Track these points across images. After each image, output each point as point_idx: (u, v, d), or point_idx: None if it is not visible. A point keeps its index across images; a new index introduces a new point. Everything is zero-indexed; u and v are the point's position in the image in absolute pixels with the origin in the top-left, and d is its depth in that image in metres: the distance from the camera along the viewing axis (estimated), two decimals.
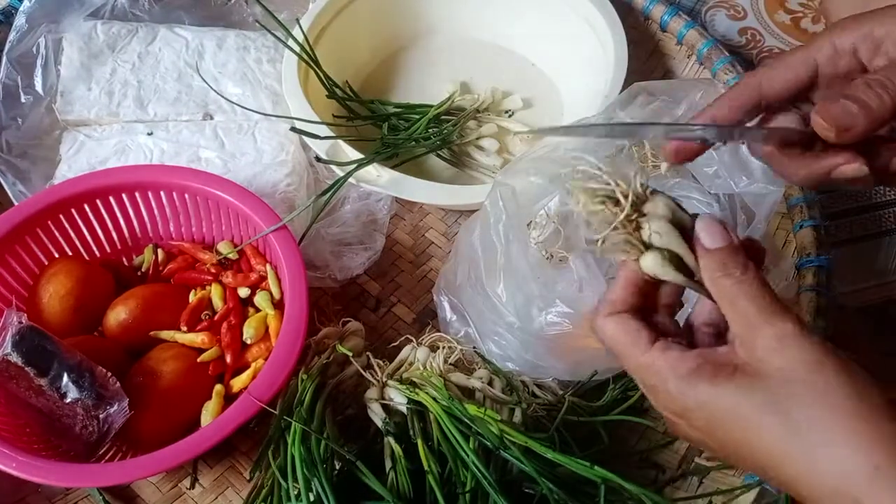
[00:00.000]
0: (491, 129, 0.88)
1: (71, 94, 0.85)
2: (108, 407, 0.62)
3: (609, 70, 0.84)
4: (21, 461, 0.60)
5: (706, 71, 0.89)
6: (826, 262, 0.73)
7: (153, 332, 0.71)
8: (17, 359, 0.61)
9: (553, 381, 0.69)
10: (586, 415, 0.66)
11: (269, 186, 0.80)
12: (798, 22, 1.01)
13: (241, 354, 0.71)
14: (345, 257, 0.79)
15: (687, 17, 0.91)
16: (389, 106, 0.91)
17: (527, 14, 0.95)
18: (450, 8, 0.98)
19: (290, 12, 0.90)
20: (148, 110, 0.85)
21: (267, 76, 0.88)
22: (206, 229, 0.78)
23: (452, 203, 0.81)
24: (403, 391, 0.64)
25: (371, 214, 0.83)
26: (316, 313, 0.75)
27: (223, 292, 0.74)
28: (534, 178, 0.68)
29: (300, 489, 0.59)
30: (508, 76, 0.96)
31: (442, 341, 0.69)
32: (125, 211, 0.76)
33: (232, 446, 0.71)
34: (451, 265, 0.75)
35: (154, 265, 0.76)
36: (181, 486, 0.70)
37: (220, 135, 0.84)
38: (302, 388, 0.64)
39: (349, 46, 0.93)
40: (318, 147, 0.80)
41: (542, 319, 0.64)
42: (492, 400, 0.65)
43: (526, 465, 0.59)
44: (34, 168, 0.82)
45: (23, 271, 0.73)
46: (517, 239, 0.64)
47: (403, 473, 0.61)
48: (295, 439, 0.61)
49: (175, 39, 0.89)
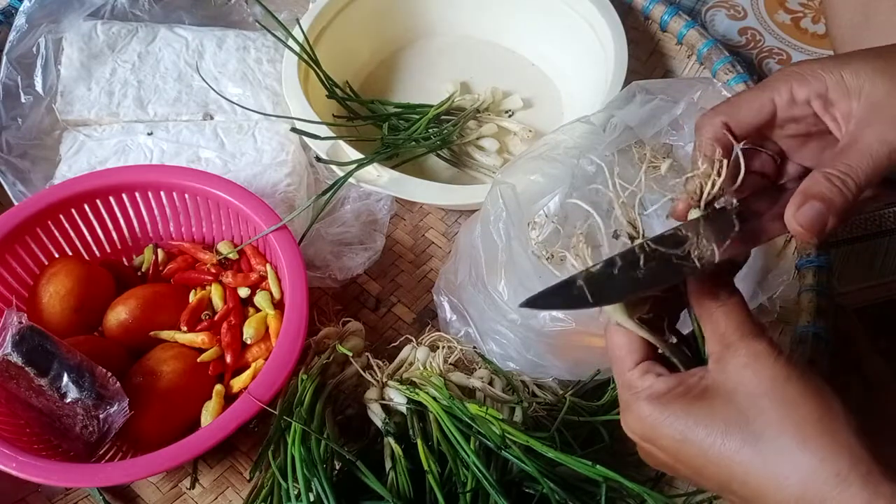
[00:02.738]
0: (491, 129, 0.88)
1: (71, 94, 0.85)
2: (108, 407, 0.62)
3: (609, 70, 0.84)
4: (21, 461, 0.60)
5: (706, 71, 0.89)
6: (826, 262, 0.73)
7: (153, 332, 0.71)
8: (18, 359, 0.61)
9: (553, 380, 0.69)
10: (586, 414, 0.66)
11: (269, 186, 0.80)
12: (798, 22, 1.01)
13: (241, 354, 0.71)
14: (345, 257, 0.79)
15: (687, 17, 0.91)
16: (389, 106, 0.91)
17: (527, 14, 0.95)
18: (450, 8, 0.98)
19: (290, 12, 0.90)
20: (148, 110, 0.85)
21: (267, 76, 0.88)
22: (206, 229, 0.78)
23: (452, 203, 0.81)
24: (403, 391, 0.64)
25: (371, 214, 0.83)
26: (316, 313, 0.75)
27: (223, 292, 0.74)
28: (533, 177, 0.68)
29: (300, 489, 0.59)
30: (508, 76, 0.96)
31: (442, 341, 0.69)
32: (125, 211, 0.76)
33: (232, 446, 0.71)
34: (451, 265, 0.75)
35: (154, 265, 0.76)
36: (181, 486, 0.70)
37: (220, 135, 0.84)
38: (302, 388, 0.64)
39: (349, 46, 0.93)
40: (319, 147, 0.80)
41: (544, 316, 0.64)
42: (492, 399, 0.65)
43: (527, 465, 0.59)
44: (34, 168, 0.82)
45: (23, 271, 0.73)
46: (518, 236, 0.64)
47: (403, 473, 0.61)
48: (295, 439, 0.61)
49: (175, 39, 0.89)
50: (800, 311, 0.71)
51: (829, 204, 0.45)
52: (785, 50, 0.98)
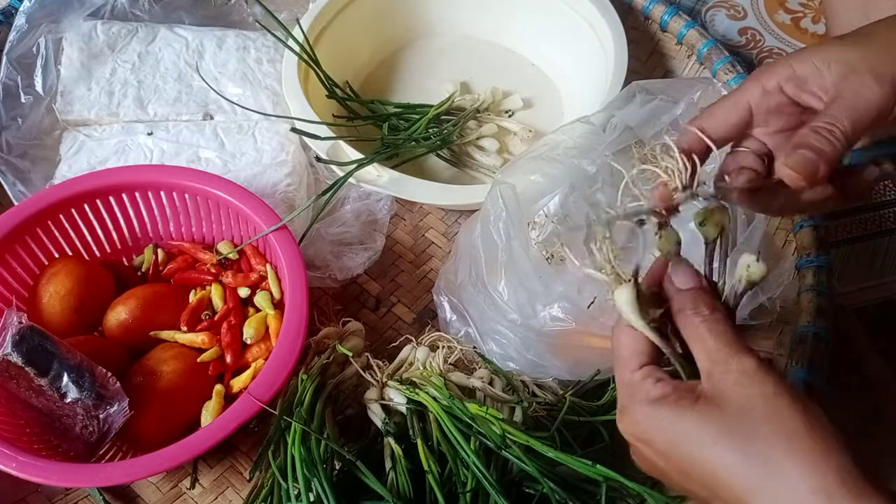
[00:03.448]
0: (491, 129, 0.88)
1: (71, 94, 0.85)
2: (108, 407, 0.62)
3: (609, 70, 0.84)
4: (21, 461, 0.60)
5: (706, 71, 0.89)
6: (826, 262, 0.73)
7: (153, 332, 0.71)
8: (18, 359, 0.61)
9: (553, 380, 0.69)
10: (587, 414, 0.66)
11: (269, 186, 0.80)
12: (798, 22, 1.01)
13: (241, 354, 0.71)
14: (345, 257, 0.79)
15: (687, 17, 0.91)
16: (389, 106, 0.91)
17: (527, 14, 0.95)
18: (450, 8, 0.98)
19: (290, 12, 0.90)
20: (148, 110, 0.85)
21: (267, 76, 0.88)
22: (206, 229, 0.78)
23: (452, 203, 0.81)
24: (403, 391, 0.64)
25: (371, 214, 0.83)
26: (316, 313, 0.75)
27: (223, 292, 0.74)
28: (533, 177, 0.68)
29: (300, 489, 0.59)
30: (508, 76, 0.96)
31: (442, 341, 0.69)
32: (125, 211, 0.76)
33: (232, 446, 0.71)
34: (451, 265, 0.75)
35: (154, 265, 0.76)
36: (181, 486, 0.70)
37: (220, 135, 0.84)
38: (302, 388, 0.64)
39: (349, 46, 0.93)
40: (319, 147, 0.80)
41: (544, 315, 0.64)
42: (492, 399, 0.65)
43: (528, 465, 0.59)
44: (34, 168, 0.82)
45: (23, 271, 0.73)
46: (518, 236, 0.64)
47: (403, 473, 0.61)
48: (295, 439, 0.61)
49: (175, 39, 0.89)
50: (800, 311, 0.71)
51: (819, 152, 0.47)
52: (785, 50, 0.98)
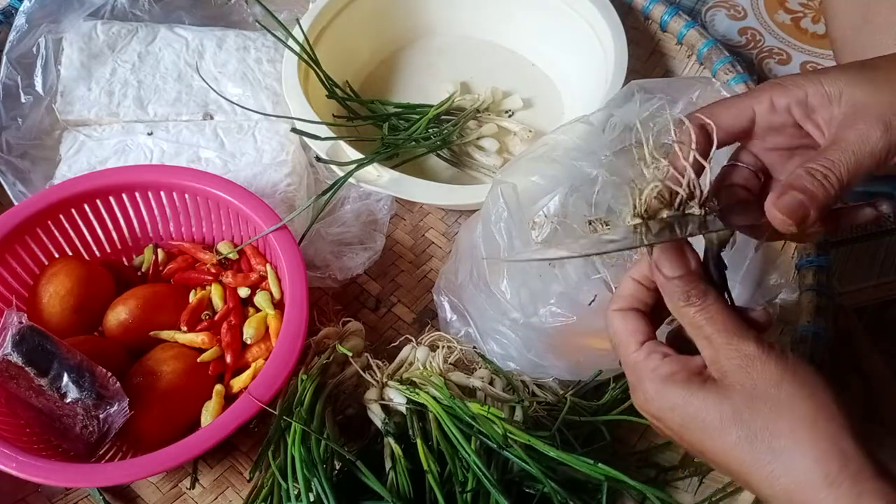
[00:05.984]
0: (491, 129, 0.88)
1: (71, 94, 0.85)
2: (108, 407, 0.62)
3: (609, 70, 0.84)
4: (21, 461, 0.60)
5: (706, 71, 0.89)
6: (826, 262, 0.73)
7: (153, 332, 0.71)
8: (18, 359, 0.61)
9: (553, 381, 0.69)
10: (587, 414, 0.66)
11: (269, 186, 0.80)
12: (798, 22, 1.01)
13: (241, 354, 0.71)
14: (345, 257, 0.79)
15: (687, 17, 0.91)
16: (389, 106, 0.91)
17: (527, 14, 0.95)
18: (449, 8, 0.98)
19: (290, 12, 0.90)
20: (148, 110, 0.85)
21: (267, 76, 0.88)
22: (206, 229, 0.78)
23: (452, 203, 0.81)
24: (403, 391, 0.64)
25: (371, 214, 0.83)
26: (316, 313, 0.75)
27: (223, 292, 0.74)
28: (533, 177, 0.68)
29: (300, 489, 0.59)
30: (508, 76, 0.96)
31: (442, 341, 0.69)
32: (125, 211, 0.76)
33: (232, 446, 0.71)
34: (451, 265, 0.75)
35: (154, 265, 0.76)
36: (181, 486, 0.70)
37: (220, 135, 0.84)
38: (302, 388, 0.64)
39: (349, 46, 0.93)
40: (319, 147, 0.80)
41: (545, 312, 0.64)
42: (493, 399, 0.65)
43: (529, 464, 0.59)
44: (34, 168, 0.82)
45: (23, 271, 0.73)
46: (520, 235, 0.64)
47: (403, 473, 0.61)
48: (295, 439, 0.61)
49: (175, 39, 0.89)
50: (800, 311, 0.71)
51: (811, 196, 0.45)
52: (785, 50, 0.98)
